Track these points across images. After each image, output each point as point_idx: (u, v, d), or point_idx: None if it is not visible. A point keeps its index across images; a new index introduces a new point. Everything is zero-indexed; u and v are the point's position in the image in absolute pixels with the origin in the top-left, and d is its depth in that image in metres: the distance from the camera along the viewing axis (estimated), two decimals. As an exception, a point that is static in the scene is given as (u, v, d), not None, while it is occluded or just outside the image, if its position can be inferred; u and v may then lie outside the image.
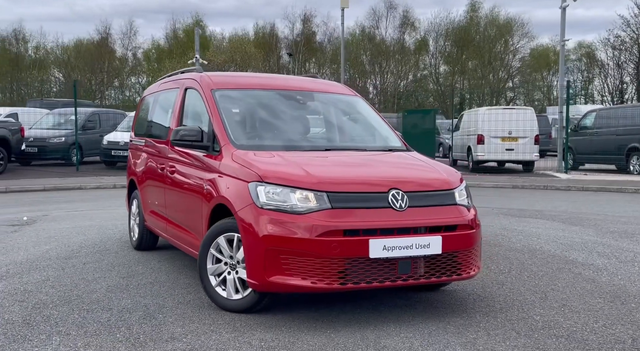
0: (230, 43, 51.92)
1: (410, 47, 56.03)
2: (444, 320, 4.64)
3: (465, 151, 21.08)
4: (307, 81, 6.42)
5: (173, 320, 4.49)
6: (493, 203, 12.75)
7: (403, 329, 4.41)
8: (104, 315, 4.56)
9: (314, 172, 4.50)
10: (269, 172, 4.49)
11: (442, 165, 5.31)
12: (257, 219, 4.33)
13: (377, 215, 4.39)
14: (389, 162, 5.21)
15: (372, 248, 4.27)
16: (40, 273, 5.91)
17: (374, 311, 4.82)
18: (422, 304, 5.09)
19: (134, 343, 3.98)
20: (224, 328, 4.32)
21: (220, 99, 5.41)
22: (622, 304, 5.16)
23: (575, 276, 6.10)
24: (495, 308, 4.98)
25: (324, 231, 4.20)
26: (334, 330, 4.36)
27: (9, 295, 5.10)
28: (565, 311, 4.91)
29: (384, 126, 5.97)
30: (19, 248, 7.20)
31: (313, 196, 4.33)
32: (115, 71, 52.75)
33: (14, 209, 11.21)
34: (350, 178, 4.58)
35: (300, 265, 4.23)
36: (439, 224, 4.56)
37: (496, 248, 7.57)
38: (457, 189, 4.86)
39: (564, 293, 5.48)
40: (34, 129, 20.21)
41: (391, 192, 4.49)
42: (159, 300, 5.00)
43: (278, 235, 4.25)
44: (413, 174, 4.93)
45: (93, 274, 5.86)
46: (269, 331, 4.28)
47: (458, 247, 4.63)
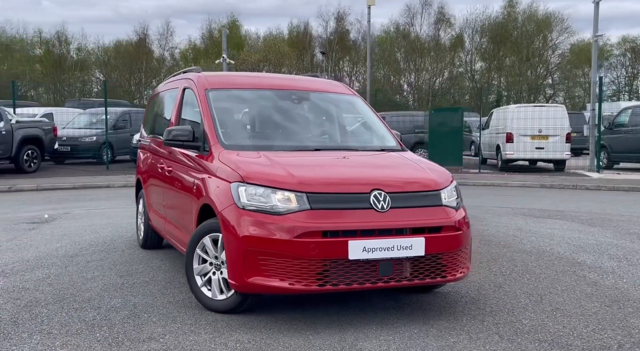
0: (264, 42, 52.27)
1: (446, 44, 55.42)
2: (428, 323, 4.58)
3: (494, 150, 20.76)
4: (304, 80, 6.41)
5: (157, 319, 4.54)
6: (516, 203, 12.54)
7: (384, 331, 4.37)
8: (91, 314, 4.64)
9: (296, 173, 4.49)
10: (250, 172, 4.50)
11: (432, 165, 5.25)
12: (237, 220, 4.35)
13: (358, 216, 4.36)
14: (376, 162, 5.16)
15: (352, 249, 4.24)
16: (42, 270, 6.06)
17: (360, 313, 4.79)
18: (411, 306, 5.04)
19: (111, 342, 4.04)
20: (205, 329, 4.35)
21: (213, 99, 5.45)
22: (619, 308, 5.02)
23: (578, 279, 5.95)
24: (484, 311, 4.90)
25: (302, 232, 4.19)
26: (314, 331, 4.35)
27: (5, 293, 5.24)
28: (557, 315, 4.80)
29: (380, 126, 5.93)
30: (30, 246, 7.38)
31: (294, 197, 4.32)
32: (153, 71, 53.66)
33: (39, 207, 11.49)
34: (332, 179, 4.56)
35: (278, 266, 4.23)
36: (422, 225, 4.50)
37: (504, 249, 7.44)
38: (444, 190, 4.79)
39: (561, 296, 5.36)
40: (67, 129, 20.69)
41: (373, 193, 4.46)
42: (149, 299, 5.07)
43: (257, 236, 4.26)
44: (398, 175, 4.88)
45: (93, 273, 5.98)
46: (248, 332, 4.30)
47: (443, 249, 4.57)
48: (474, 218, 10.04)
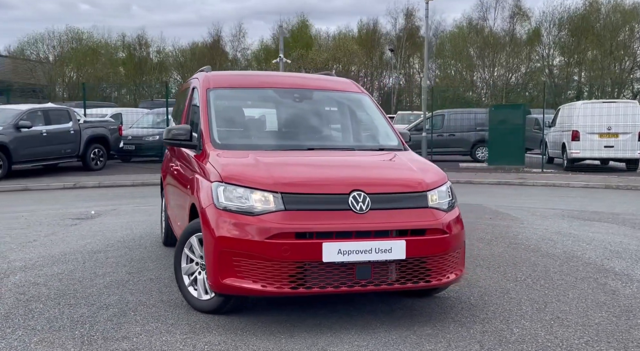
0: (333, 41, 52.30)
1: (522, 38, 53.57)
2: (411, 329, 4.44)
3: (560, 148, 19.90)
4: (310, 79, 6.35)
5: (141, 318, 4.61)
6: (570, 204, 11.99)
7: (361, 337, 4.27)
8: (81, 311, 4.76)
9: (275, 173, 4.45)
10: (230, 172, 4.50)
11: (427, 166, 5.08)
12: (214, 220, 4.35)
13: (335, 217, 4.27)
14: (364, 163, 5.02)
15: (326, 251, 4.16)
16: (60, 266, 6.28)
17: (345, 316, 4.70)
18: (403, 310, 4.90)
19: (84, 341, 4.12)
20: (182, 329, 4.37)
21: (213, 98, 5.48)
22: (626, 319, 4.70)
23: (597, 287, 5.62)
24: (477, 318, 4.70)
25: (274, 234, 4.15)
26: (289, 334, 4.30)
27: (15, 287, 5.47)
28: (554, 325, 4.54)
29: (385, 125, 5.78)
30: (62, 241, 7.69)
31: (271, 197, 4.28)
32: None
33: (92, 204, 11.96)
34: (311, 179, 4.49)
35: (251, 268, 4.20)
36: (403, 227, 4.36)
37: (530, 253, 7.11)
38: (432, 191, 4.62)
39: (569, 305, 5.07)
40: (133, 128, 21.46)
41: (352, 194, 4.35)
42: (144, 297, 5.15)
43: (231, 236, 4.24)
44: (383, 176, 4.75)
45: (105, 269, 6.15)
46: (223, 333, 4.29)
47: (427, 252, 4.41)
48: (514, 220, 9.71)
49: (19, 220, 9.56)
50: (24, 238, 7.89)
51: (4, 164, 15.40)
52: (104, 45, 55.34)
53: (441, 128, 21.96)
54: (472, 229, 8.65)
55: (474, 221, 9.42)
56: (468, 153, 21.82)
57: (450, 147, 21.77)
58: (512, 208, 11.15)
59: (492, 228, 8.88)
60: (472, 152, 21.70)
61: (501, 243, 7.71)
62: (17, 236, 8.04)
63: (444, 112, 23.43)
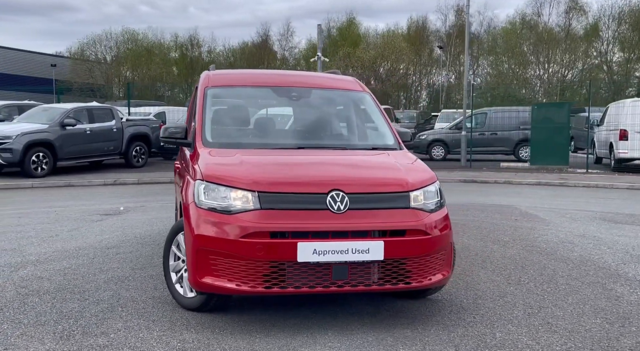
0: (381, 39, 52.00)
1: (578, 34, 51.98)
2: (390, 331, 4.38)
3: (608, 148, 19.21)
4: (311, 77, 6.32)
5: (126, 314, 4.68)
6: (606, 206, 11.56)
7: (337, 338, 4.23)
8: (72, 306, 4.87)
9: (255, 172, 4.45)
10: (212, 171, 4.52)
11: (415, 166, 4.98)
12: (194, 218, 4.39)
13: (311, 217, 4.24)
14: (349, 162, 4.95)
15: (301, 251, 4.14)
16: (70, 261, 6.46)
17: (327, 317, 4.67)
18: (389, 312, 4.83)
19: (63, 335, 4.21)
20: (162, 326, 4.42)
21: (210, 97, 5.52)
22: (620, 327, 4.52)
23: (601, 292, 5.41)
24: (463, 322, 4.60)
25: (248, 233, 4.15)
26: (266, 334, 4.30)
27: (20, 280, 5.65)
28: (540, 331, 4.40)
29: (383, 124, 5.69)
30: (81, 237, 7.90)
31: (248, 196, 4.29)
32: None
33: (125, 200, 12.25)
34: (290, 178, 4.46)
35: (226, 267, 4.22)
36: (381, 228, 4.30)
37: (544, 256, 6.90)
38: (416, 191, 4.53)
39: (564, 310, 4.90)
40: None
41: (331, 193, 4.31)
42: (138, 294, 5.23)
43: (207, 235, 4.27)
44: (365, 175, 4.68)
45: (111, 265, 6.29)
46: (200, 331, 4.32)
47: (406, 254, 4.33)
48: (540, 222, 9.44)
49: (50, 215, 9.87)
50: (47, 233, 8.15)
51: (49, 161, 15.92)
52: (158, 46, 56.74)
53: (483, 127, 21.53)
54: (491, 231, 8.46)
55: (497, 223, 9.21)
56: (511, 153, 21.32)
57: (493, 146, 21.32)
58: (543, 210, 10.84)
59: (514, 229, 8.66)
60: (515, 151, 21.18)
61: (517, 245, 7.51)
62: (41, 231, 8.31)
63: (486, 110, 22.98)
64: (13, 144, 15.09)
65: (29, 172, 15.33)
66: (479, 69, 54.01)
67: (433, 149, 21.90)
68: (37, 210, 10.52)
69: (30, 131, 15.60)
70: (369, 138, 5.67)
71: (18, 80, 46.86)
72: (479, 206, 11.19)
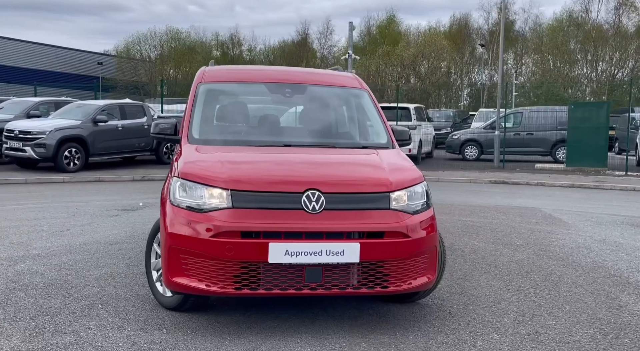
0: (422, 37, 51.38)
1: (629, 31, 50.27)
2: (366, 337, 4.22)
3: (650, 149, 18.48)
4: (308, 73, 6.16)
5: (104, 312, 4.63)
6: (637, 211, 11.05)
7: (309, 343, 4.10)
8: (54, 302, 4.85)
9: (231, 170, 4.34)
10: (189, 168, 4.43)
11: (400, 165, 4.77)
12: (167, 216, 4.31)
13: (285, 217, 4.11)
14: (331, 160, 4.78)
15: (272, 252, 4.01)
16: (70, 256, 6.48)
17: (306, 320, 4.54)
18: (371, 317, 4.67)
19: (32, 333, 4.18)
20: (134, 326, 4.36)
21: (201, 93, 5.43)
22: (613, 338, 4.28)
23: (603, 301, 5.14)
24: (447, 328, 4.41)
25: (219, 232, 4.05)
26: (237, 336, 4.19)
27: (14, 275, 5.67)
28: (525, 340, 4.18)
29: (378, 122, 5.51)
30: (91, 232, 7.95)
31: (223, 194, 4.19)
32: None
33: (147, 196, 12.30)
34: (265, 177, 4.33)
35: (197, 266, 4.12)
36: (357, 229, 4.14)
37: (554, 261, 6.62)
38: (399, 192, 4.34)
39: (558, 319, 4.66)
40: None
41: (306, 193, 4.17)
42: (123, 291, 5.18)
43: (179, 233, 4.18)
44: (344, 174, 4.51)
45: (109, 261, 6.28)
46: (171, 332, 4.25)
47: (384, 256, 4.16)
48: (561, 226, 9.08)
49: (69, 210, 10.00)
50: (59, 227, 8.24)
51: (82, 157, 16.20)
52: (200, 45, 57.43)
53: (519, 127, 20.96)
54: (506, 234, 8.18)
55: (515, 225, 8.91)
56: (548, 153, 20.69)
57: (529, 147, 20.73)
58: (569, 213, 10.44)
59: (531, 233, 8.34)
60: (552, 152, 20.55)
61: (529, 249, 7.22)
62: (54, 225, 8.41)
63: (522, 109, 22.37)
64: (46, 140, 15.40)
65: (62, 167, 15.62)
66: (523, 67, 52.81)
67: (466, 150, 21.44)
68: (59, 204, 10.67)
69: (64, 126, 15.89)
70: (361, 136, 5.50)
71: (66, 77, 48.14)
72: (501, 208, 10.86)
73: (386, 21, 55.27)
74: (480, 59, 52.06)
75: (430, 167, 18.61)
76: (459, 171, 17.83)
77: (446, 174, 16.93)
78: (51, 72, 50.30)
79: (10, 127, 15.82)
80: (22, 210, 9.85)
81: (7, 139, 15.73)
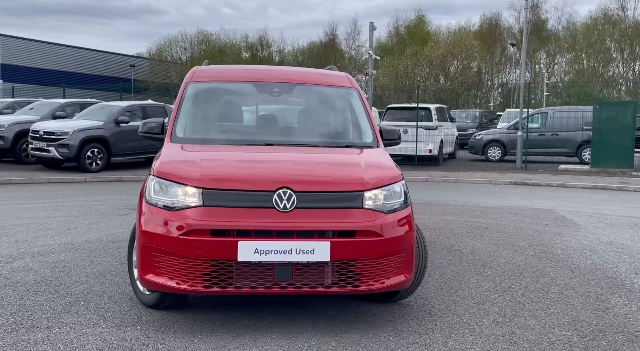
0: (452, 37, 50.87)
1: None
2: (337, 336, 4.21)
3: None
4: (299, 73, 6.15)
5: (84, 309, 4.69)
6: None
7: (276, 342, 4.10)
8: (38, 299, 4.92)
9: (204, 168, 4.36)
10: (164, 167, 4.46)
11: (382, 163, 4.73)
12: (142, 214, 4.36)
13: (255, 215, 4.12)
14: (306, 159, 4.73)
15: (241, 250, 4.02)
16: (68, 254, 6.58)
17: (281, 319, 4.53)
18: (348, 316, 4.64)
19: (8, 329, 4.25)
20: (110, 323, 4.40)
21: (189, 92, 5.47)
22: (589, 340, 4.24)
23: (591, 303, 5.05)
24: (422, 328, 4.36)
25: (189, 230, 4.07)
26: (209, 334, 4.21)
27: (8, 272, 5.76)
28: (498, 341, 4.14)
29: (365, 121, 5.47)
30: (96, 230, 8.08)
31: (194, 193, 4.21)
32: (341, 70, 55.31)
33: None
34: (237, 175, 4.34)
35: (167, 264, 4.15)
36: (327, 228, 4.12)
37: (551, 263, 6.50)
38: (373, 191, 4.30)
39: (540, 320, 4.57)
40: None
41: (278, 191, 4.17)
42: (108, 289, 5.23)
43: (150, 231, 4.22)
44: (317, 173, 4.48)
45: (103, 258, 6.37)
46: (143, 329, 4.28)
47: (355, 255, 4.14)
48: (571, 228, 8.93)
49: (82, 208, 10.17)
50: (66, 226, 8.39)
51: (104, 157, 16.48)
52: (229, 46, 57.92)
53: (544, 127, 20.60)
54: (511, 235, 8.05)
55: (523, 227, 8.77)
56: (573, 154, 20.28)
57: (554, 147, 20.34)
58: (584, 214, 10.22)
59: (537, 234, 8.19)
60: (578, 153, 20.14)
61: (530, 251, 7.10)
62: (63, 223, 8.57)
63: (547, 110, 21.97)
64: (69, 140, 15.70)
65: (84, 167, 15.92)
66: (555, 67, 51.87)
67: (489, 150, 21.16)
68: (73, 203, 10.87)
69: (86, 127, 16.18)
70: (346, 135, 5.47)
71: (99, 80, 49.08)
72: (514, 209, 10.69)
73: (415, 21, 54.94)
74: (511, 58, 51.31)
75: (451, 168, 18.43)
76: (479, 172, 17.61)
77: (466, 175, 16.74)
78: (84, 74, 51.38)
79: (36, 128, 16.19)
80: (37, 209, 10.06)
81: (33, 140, 16.10)
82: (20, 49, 51.28)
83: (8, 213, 9.43)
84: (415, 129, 18.54)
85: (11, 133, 17.22)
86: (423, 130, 18.66)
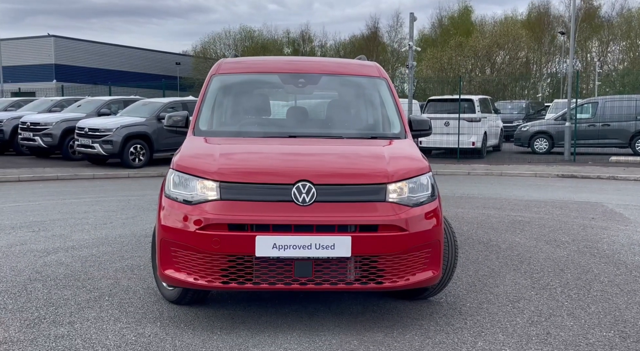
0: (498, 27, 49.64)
1: None
2: (361, 334, 4.04)
3: None
4: (326, 63, 5.97)
5: (107, 304, 4.65)
6: None
7: (296, 340, 3.98)
8: (65, 294, 4.91)
9: (223, 161, 4.25)
10: (183, 160, 4.37)
11: (407, 155, 4.52)
12: (162, 208, 4.28)
13: (274, 209, 3.98)
14: (330, 151, 4.56)
15: (259, 245, 3.89)
16: (100, 248, 6.58)
17: (304, 315, 4.40)
18: (374, 313, 4.48)
19: (31, 323, 4.23)
20: (131, 318, 4.35)
21: (213, 84, 5.37)
22: (633, 342, 3.97)
23: (636, 303, 4.78)
24: (451, 328, 4.17)
25: (206, 224, 3.97)
26: (228, 331, 4.11)
27: (41, 266, 5.78)
28: (532, 342, 3.92)
29: (393, 111, 5.26)
30: (131, 225, 8.09)
31: (213, 186, 4.10)
32: (384, 62, 54.85)
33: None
34: (255, 168, 4.20)
35: (185, 259, 4.06)
36: (348, 222, 3.94)
37: (595, 259, 6.20)
38: (397, 183, 4.11)
39: (578, 320, 4.31)
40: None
41: (297, 184, 4.02)
42: (134, 284, 5.20)
43: (168, 226, 4.13)
44: (338, 166, 4.29)
45: (134, 253, 6.34)
46: (163, 326, 4.21)
47: (378, 251, 3.96)
48: (620, 222, 8.56)
49: (121, 203, 10.26)
50: (103, 220, 8.45)
51: (146, 153, 16.67)
52: (272, 43, 58.10)
53: (594, 117, 19.87)
54: (553, 230, 7.72)
55: (568, 221, 8.40)
56: (626, 145, 19.49)
57: (605, 138, 19.59)
58: (634, 208, 9.76)
59: (582, 228, 7.83)
60: (631, 144, 19.34)
61: (573, 246, 6.77)
62: (101, 218, 8.63)
63: (597, 99, 21.17)
64: (113, 137, 15.94)
65: (128, 163, 16.13)
66: (608, 55, 50.10)
67: (535, 142, 20.53)
68: (113, 198, 10.97)
69: (129, 124, 16.39)
70: (372, 126, 5.28)
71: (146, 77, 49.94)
72: (559, 202, 10.29)
73: (458, 12, 53.87)
74: (560, 48, 49.82)
75: (495, 161, 17.97)
76: (524, 164, 17.10)
77: (511, 168, 16.28)
78: (131, 72, 52.42)
79: (82, 125, 16.50)
80: (78, 204, 10.19)
81: (79, 137, 16.41)
82: (72, 49, 52.69)
83: (50, 208, 9.57)
84: (458, 122, 18.13)
85: (59, 130, 17.62)
86: (465, 122, 18.23)
